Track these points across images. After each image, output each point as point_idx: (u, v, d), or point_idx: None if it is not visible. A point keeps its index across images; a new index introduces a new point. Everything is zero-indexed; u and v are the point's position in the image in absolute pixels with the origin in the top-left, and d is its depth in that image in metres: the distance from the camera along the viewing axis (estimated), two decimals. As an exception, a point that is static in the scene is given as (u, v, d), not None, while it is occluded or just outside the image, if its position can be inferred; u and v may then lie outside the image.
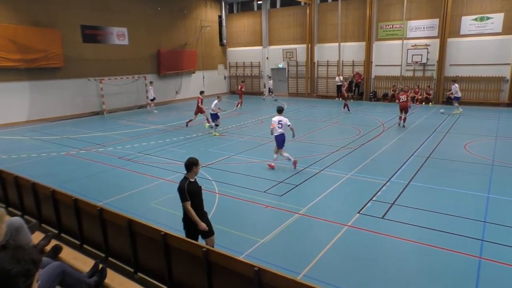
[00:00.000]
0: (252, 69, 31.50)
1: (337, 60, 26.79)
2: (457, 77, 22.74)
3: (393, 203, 7.82)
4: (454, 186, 8.79)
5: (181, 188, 5.14)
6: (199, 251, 3.86)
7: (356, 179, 9.42)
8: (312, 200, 8.04)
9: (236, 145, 13.20)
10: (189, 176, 5.23)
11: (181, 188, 5.14)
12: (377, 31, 25.17)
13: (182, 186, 5.14)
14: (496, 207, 7.57)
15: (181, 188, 5.14)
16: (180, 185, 5.17)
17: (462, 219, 7.03)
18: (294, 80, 29.42)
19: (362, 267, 5.59)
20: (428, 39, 23.39)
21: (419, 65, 23.82)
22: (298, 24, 28.19)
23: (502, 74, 21.48)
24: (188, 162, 5.25)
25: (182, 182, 5.20)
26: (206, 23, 29.46)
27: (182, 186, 5.14)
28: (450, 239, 6.29)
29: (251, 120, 18.43)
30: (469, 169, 10.21)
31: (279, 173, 9.92)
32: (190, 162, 5.24)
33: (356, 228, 6.74)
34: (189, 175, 5.24)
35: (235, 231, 6.72)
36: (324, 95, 27.95)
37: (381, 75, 25.46)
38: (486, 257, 5.71)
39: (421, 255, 5.94)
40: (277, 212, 7.50)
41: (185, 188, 5.12)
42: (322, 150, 12.28)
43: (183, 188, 5.13)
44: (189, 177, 5.23)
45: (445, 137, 13.99)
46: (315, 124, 17.36)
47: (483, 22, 21.73)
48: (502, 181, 9.16)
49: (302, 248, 6.14)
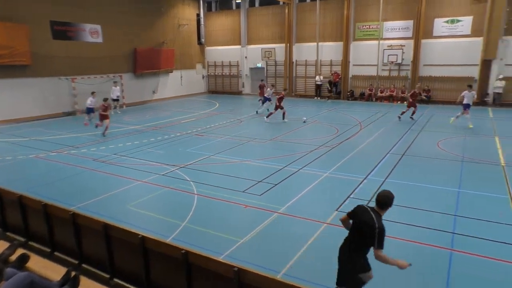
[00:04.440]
0: (230, 69, 31.39)
1: (315, 60, 27.06)
2: (430, 77, 23.49)
3: (370, 200, 7.95)
4: (427, 182, 9.05)
5: (383, 230, 3.90)
6: (178, 253, 3.81)
7: (334, 177, 9.55)
8: (291, 198, 8.09)
9: (215, 145, 13.13)
10: (382, 214, 4.09)
11: (383, 229, 3.90)
12: (354, 31, 25.59)
13: (383, 228, 3.90)
14: (466, 201, 7.86)
15: (383, 229, 3.90)
16: (381, 226, 3.91)
17: (435, 214, 7.26)
18: (273, 79, 29.48)
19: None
20: (403, 39, 23.99)
21: (394, 65, 24.41)
22: (276, 24, 28.29)
23: (472, 74, 22.31)
24: (390, 198, 4.08)
25: (380, 222, 3.93)
26: (184, 22, 29.10)
27: (383, 228, 3.90)
28: (424, 233, 6.49)
29: (230, 120, 18.38)
30: (441, 165, 10.55)
31: (258, 173, 9.93)
32: (392, 198, 4.09)
33: (335, 226, 6.80)
34: (383, 213, 4.10)
35: (214, 231, 6.68)
36: (303, 95, 28.19)
37: (358, 75, 25.91)
38: (457, 249, 5.94)
39: (397, 249, 6.06)
40: (256, 212, 7.50)
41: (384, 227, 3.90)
42: (301, 149, 12.38)
43: (383, 229, 3.90)
44: (382, 215, 4.08)
45: (419, 135, 14.39)
46: (293, 123, 17.48)
47: (454, 24, 22.50)
48: (471, 176, 9.53)
49: (281, 247, 6.17)
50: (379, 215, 4.01)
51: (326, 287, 5.04)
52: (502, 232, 6.46)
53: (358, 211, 4.18)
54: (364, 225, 3.93)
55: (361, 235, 3.95)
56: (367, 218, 3.96)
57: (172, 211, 7.69)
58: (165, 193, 8.63)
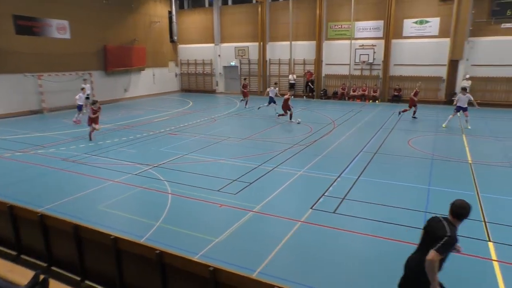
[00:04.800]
0: (204, 67, 31.11)
1: (288, 59, 27.27)
2: (401, 77, 24.19)
3: (344, 198, 8.10)
4: (399, 179, 9.31)
5: (452, 239, 3.73)
6: (152, 253, 3.74)
7: (309, 176, 9.64)
8: (266, 197, 8.10)
9: (189, 144, 12.97)
10: (457, 225, 3.92)
11: (453, 239, 3.73)
12: (327, 30, 25.97)
13: (454, 237, 3.75)
14: (435, 198, 8.13)
15: (453, 239, 3.73)
16: (453, 235, 3.74)
17: (406, 210, 7.46)
18: (247, 78, 29.47)
19: (316, 261, 5.72)
20: (374, 39, 24.57)
21: (366, 64, 24.97)
22: (250, 22, 28.28)
23: (440, 74, 23.17)
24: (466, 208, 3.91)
25: (453, 232, 3.78)
26: (156, 19, 28.59)
27: (454, 237, 3.75)
28: (396, 230, 6.65)
29: (204, 119, 18.21)
30: (412, 163, 10.87)
31: (232, 172, 9.89)
32: (468, 208, 3.92)
33: (309, 224, 6.89)
34: (458, 224, 3.93)
35: (189, 231, 6.59)
36: (276, 93, 28.30)
37: (331, 74, 26.33)
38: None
39: (371, 246, 6.22)
40: (231, 211, 7.46)
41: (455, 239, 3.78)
42: (275, 147, 12.43)
43: (454, 239, 3.75)
44: (457, 226, 3.91)
45: (390, 134, 14.78)
46: (267, 121, 17.53)
47: (422, 25, 23.27)
48: (440, 173, 9.86)
49: (257, 245, 6.16)
50: (453, 225, 3.85)
51: (301, 284, 5.07)
52: (469, 228, 6.71)
53: (432, 222, 4.06)
54: (436, 235, 3.80)
55: (432, 244, 3.77)
56: (439, 227, 3.84)
57: (146, 211, 7.52)
58: (138, 193, 8.43)
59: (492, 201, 7.91)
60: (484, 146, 13.01)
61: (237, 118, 18.74)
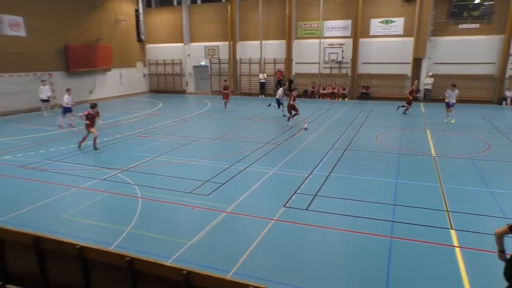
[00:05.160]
0: (173, 67, 30.62)
1: (259, 58, 27.33)
2: (369, 74, 24.83)
3: (316, 195, 8.19)
4: (368, 174, 9.53)
5: None
6: (122, 261, 3.61)
7: (281, 174, 9.69)
8: (239, 197, 8.06)
9: (159, 146, 12.70)
10: None
11: None
12: (297, 29, 26.24)
13: None
14: (403, 191, 8.38)
15: None
16: None
17: (376, 204, 7.64)
18: (217, 77, 29.32)
19: (291, 258, 5.75)
20: (343, 38, 25.09)
21: (335, 63, 25.45)
22: (220, 21, 28.09)
23: (405, 72, 24.00)
24: None
25: None
26: (122, 17, 27.78)
27: None
28: (366, 223, 6.80)
29: (174, 120, 17.91)
30: (381, 158, 11.18)
31: (204, 173, 9.77)
32: None
33: (283, 221, 6.92)
34: None
35: (161, 235, 6.44)
36: (247, 93, 28.34)
37: (301, 72, 26.64)
38: (396, 236, 6.30)
39: (343, 240, 6.33)
40: (204, 212, 7.37)
41: None
42: (247, 147, 12.41)
43: None
44: None
45: (359, 130, 15.12)
46: (239, 121, 17.49)
47: (388, 24, 24.01)
48: (407, 167, 10.19)
49: (231, 246, 6.11)
50: None
51: (276, 282, 5.07)
52: (433, 218, 6.98)
53: None
54: None
55: None
56: None
57: (115, 217, 7.28)
58: (106, 199, 8.15)
59: (454, 191, 8.26)
60: (446, 140, 13.57)
61: (208, 119, 18.57)
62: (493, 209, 7.40)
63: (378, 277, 5.21)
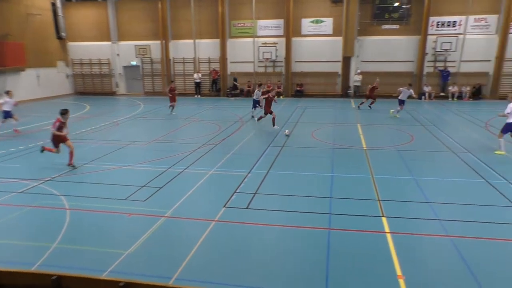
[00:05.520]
0: (101, 67, 28.84)
1: (193, 57, 26.86)
2: (302, 73, 25.68)
3: (256, 193, 8.22)
4: (305, 170, 9.81)
5: None
6: (47, 280, 3.26)
7: (220, 174, 9.57)
8: (178, 200, 7.79)
9: (89, 152, 11.84)
10: None
11: None
12: (230, 28, 26.24)
13: None
14: (338, 184, 8.74)
15: None
16: None
17: (314, 198, 7.88)
18: (150, 78, 28.25)
19: (234, 258, 5.68)
20: (276, 37, 25.66)
21: (269, 61, 25.93)
22: (150, 19, 27.02)
23: (336, 69, 25.26)
24: None
25: None
26: (35, 11, 24.92)
27: None
28: (306, 217, 6.98)
29: (105, 123, 16.86)
30: (317, 153, 11.58)
31: (140, 178, 9.30)
32: None
33: (224, 222, 6.83)
34: None
35: (95, 247, 5.97)
36: (183, 93, 27.67)
37: (236, 72, 26.71)
38: (334, 227, 6.54)
39: (286, 236, 6.41)
40: (142, 219, 7.00)
41: None
42: (184, 148, 12.08)
43: None
44: None
45: (296, 127, 15.53)
46: (174, 122, 17.01)
47: (318, 24, 25.07)
48: (341, 161, 10.68)
49: (171, 251, 5.88)
50: None
51: (220, 284, 4.97)
52: (367, 207, 7.38)
53: None
54: None
55: None
56: None
57: (38, 233, 6.58)
58: (25, 214, 7.33)
59: (384, 181, 8.81)
60: (375, 133, 14.50)
61: (142, 121, 17.79)
62: (417, 195, 8.04)
63: (319, 267, 5.35)
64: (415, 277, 5.13)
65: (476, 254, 5.68)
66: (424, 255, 5.79)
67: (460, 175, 9.39)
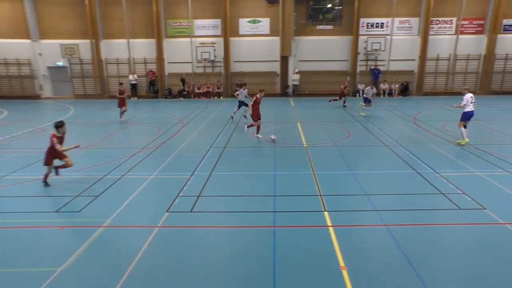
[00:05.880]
0: (20, 68, 26.19)
1: (128, 58, 25.62)
2: (241, 72, 25.71)
3: (199, 195, 8.02)
4: (248, 169, 9.80)
5: None
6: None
7: (161, 178, 9.20)
8: (117, 208, 7.33)
9: (9, 162, 10.70)
10: None
11: None
12: (166, 28, 25.45)
13: None
14: (281, 182, 8.84)
15: None
16: None
17: (258, 197, 7.90)
18: (80, 80, 26.40)
19: (179, 264, 5.49)
20: (214, 37, 25.43)
21: (208, 62, 25.61)
22: (77, 16, 25.19)
23: (274, 69, 25.69)
24: None
25: None
26: None
27: None
28: (251, 217, 6.97)
29: (29, 130, 15.38)
30: (259, 152, 11.66)
31: (74, 187, 8.62)
32: None
33: (167, 227, 6.57)
34: None
35: (19, 268, 5.38)
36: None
37: (175, 72, 25.99)
38: (279, 225, 6.60)
39: (230, 237, 6.33)
40: (76, 231, 6.48)
41: None
42: (122, 153, 11.43)
43: None
44: None
45: (237, 127, 15.50)
46: (111, 127, 16.06)
47: (255, 24, 25.30)
48: (283, 159, 10.84)
49: (112, 262, 5.51)
50: None
51: (165, 296, 4.74)
52: (309, 203, 7.56)
53: None
54: None
55: None
56: None
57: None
58: None
59: (324, 177, 9.09)
60: (314, 131, 14.96)
61: (73, 126, 16.52)
62: (356, 188, 8.41)
63: (266, 265, 5.36)
64: (357, 266, 5.34)
65: (409, 240, 6.07)
66: (364, 245, 6.05)
67: (393, 167, 10.01)
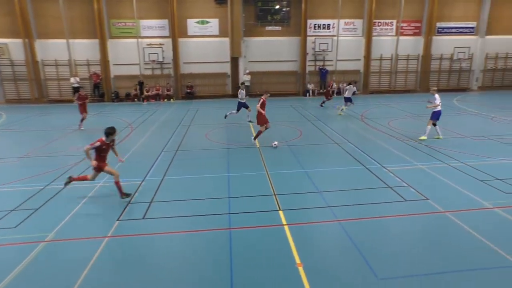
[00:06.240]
0: None
1: (68, 59, 24.13)
2: (191, 74, 25.30)
3: (152, 201, 7.76)
4: (202, 172, 9.63)
5: None
6: None
7: (111, 185, 8.71)
8: (60, 221, 6.85)
9: None
10: None
11: None
12: (110, 28, 24.33)
13: None
14: (235, 183, 8.80)
15: None
16: None
17: (212, 200, 7.80)
18: (12, 83, 24.29)
19: (132, 273, 5.27)
20: (162, 38, 24.75)
21: (156, 63, 24.88)
22: (5, 13, 22.97)
23: (225, 70, 25.57)
24: None
25: None
26: None
27: None
28: (206, 220, 6.86)
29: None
30: (212, 154, 11.49)
31: (9, 200, 7.92)
32: None
33: (118, 237, 6.27)
34: None
35: None
36: (58, 99, 24.67)
37: (121, 75, 24.91)
38: (234, 226, 6.57)
39: (185, 242, 6.20)
40: (12, 249, 5.96)
41: None
42: (64, 162, 10.72)
43: None
44: None
45: (188, 130, 15.20)
46: (50, 133, 15.00)
47: (204, 25, 25.00)
48: (236, 160, 10.80)
49: (57, 278, 5.16)
50: None
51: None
52: (264, 203, 7.58)
53: None
54: None
55: None
56: None
57: None
58: None
59: (278, 176, 9.19)
60: (267, 131, 15.00)
61: (8, 134, 15.28)
62: (309, 186, 8.58)
63: (223, 268, 5.31)
64: (313, 262, 5.44)
65: (360, 233, 6.30)
66: (318, 241, 6.19)
67: (344, 163, 10.35)
